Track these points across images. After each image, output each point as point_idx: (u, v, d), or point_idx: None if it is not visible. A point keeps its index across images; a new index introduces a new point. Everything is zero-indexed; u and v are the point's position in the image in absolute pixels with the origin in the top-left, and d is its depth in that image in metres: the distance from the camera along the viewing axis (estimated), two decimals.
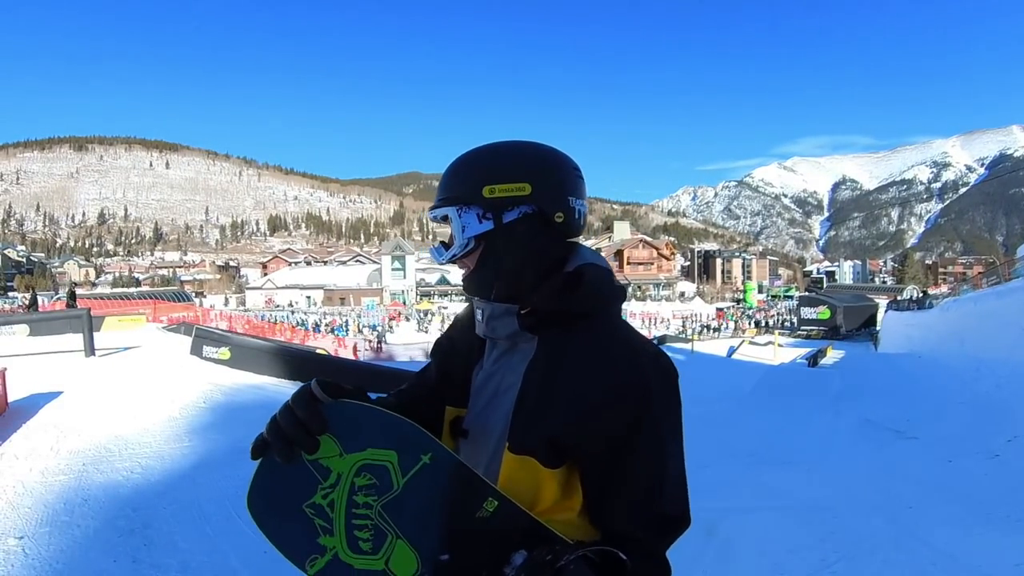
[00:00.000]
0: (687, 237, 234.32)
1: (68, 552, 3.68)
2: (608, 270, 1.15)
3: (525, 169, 1.12)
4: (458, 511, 0.99)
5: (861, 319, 43.44)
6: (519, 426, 1.06)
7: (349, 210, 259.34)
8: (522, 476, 1.05)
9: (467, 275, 1.18)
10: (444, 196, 1.15)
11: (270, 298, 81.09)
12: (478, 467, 1.10)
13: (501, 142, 1.16)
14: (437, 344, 1.35)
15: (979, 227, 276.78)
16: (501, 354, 1.16)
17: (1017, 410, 8.29)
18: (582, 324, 1.09)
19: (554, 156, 1.15)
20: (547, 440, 1.03)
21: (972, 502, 5.69)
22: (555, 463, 1.04)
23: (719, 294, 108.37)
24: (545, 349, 1.09)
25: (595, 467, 1.04)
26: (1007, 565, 4.12)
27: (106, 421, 6.70)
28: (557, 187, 1.13)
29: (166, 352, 12.43)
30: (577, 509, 1.07)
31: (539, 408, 1.05)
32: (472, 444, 1.15)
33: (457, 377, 1.22)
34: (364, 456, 0.99)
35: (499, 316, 1.12)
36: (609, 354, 1.04)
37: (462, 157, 1.16)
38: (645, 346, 1.07)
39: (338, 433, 0.99)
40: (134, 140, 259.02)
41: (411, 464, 0.99)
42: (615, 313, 1.14)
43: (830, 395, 14.77)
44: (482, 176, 1.12)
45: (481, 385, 1.17)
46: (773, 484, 6.23)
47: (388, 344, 33.44)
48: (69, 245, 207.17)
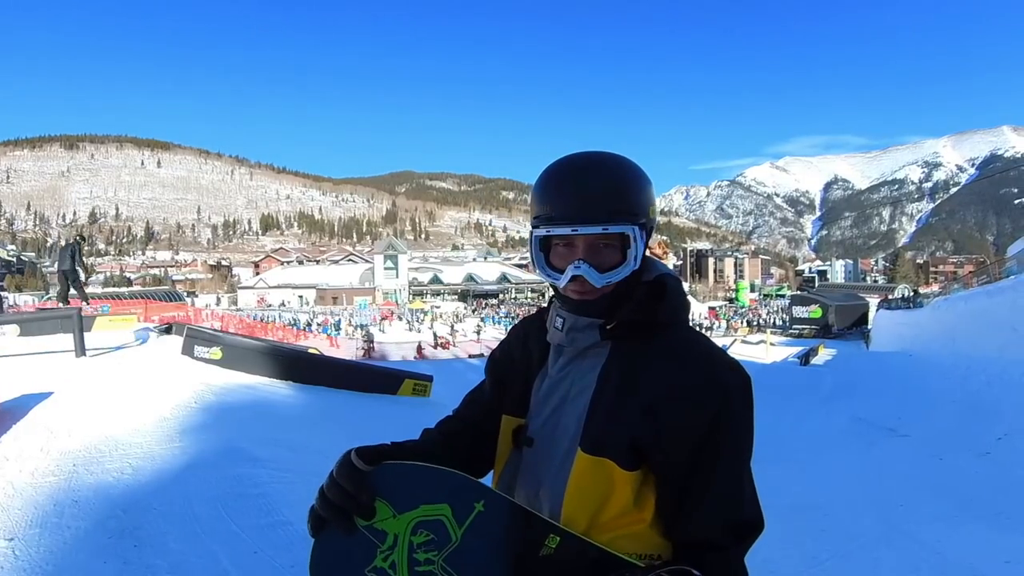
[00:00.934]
0: (680, 236, 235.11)
1: (58, 554, 3.66)
2: (679, 279, 1.17)
3: (653, 188, 1.13)
4: (521, 552, 0.99)
5: (852, 318, 43.72)
6: (595, 426, 1.06)
7: (342, 209, 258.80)
8: (595, 478, 1.04)
9: (597, 298, 1.09)
10: (619, 210, 1.06)
11: (262, 297, 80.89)
12: (547, 474, 1.10)
13: (621, 157, 1.11)
14: (491, 358, 1.34)
15: (970, 227, 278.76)
16: (568, 361, 1.15)
17: (1007, 408, 8.34)
18: (659, 332, 1.09)
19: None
20: (626, 441, 1.03)
21: (962, 499, 5.72)
22: (632, 466, 1.04)
23: (712, 293, 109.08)
24: (619, 355, 1.10)
25: (675, 471, 1.03)
26: (997, 562, 4.14)
27: (97, 422, 6.64)
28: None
29: (157, 352, 12.37)
30: (648, 520, 1.06)
31: (617, 409, 1.05)
32: (539, 451, 1.13)
33: (515, 387, 1.22)
34: (418, 514, 1.00)
35: (582, 328, 1.11)
36: (690, 358, 1.06)
37: (619, 170, 1.09)
38: (722, 354, 1.09)
39: (387, 496, 1.00)
40: (125, 139, 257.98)
41: (466, 514, 0.99)
42: (687, 321, 1.15)
43: (822, 393, 14.88)
44: (648, 196, 1.11)
45: (548, 392, 1.15)
46: (765, 482, 6.19)
47: (380, 344, 33.38)
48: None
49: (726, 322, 53.13)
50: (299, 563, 3.55)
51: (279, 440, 6.88)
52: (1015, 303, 12.37)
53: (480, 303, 77.94)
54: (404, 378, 13.13)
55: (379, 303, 76.29)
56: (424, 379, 13.29)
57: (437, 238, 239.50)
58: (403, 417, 10.59)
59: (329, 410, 9.96)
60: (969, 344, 13.51)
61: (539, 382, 1.18)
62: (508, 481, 1.17)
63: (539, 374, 1.19)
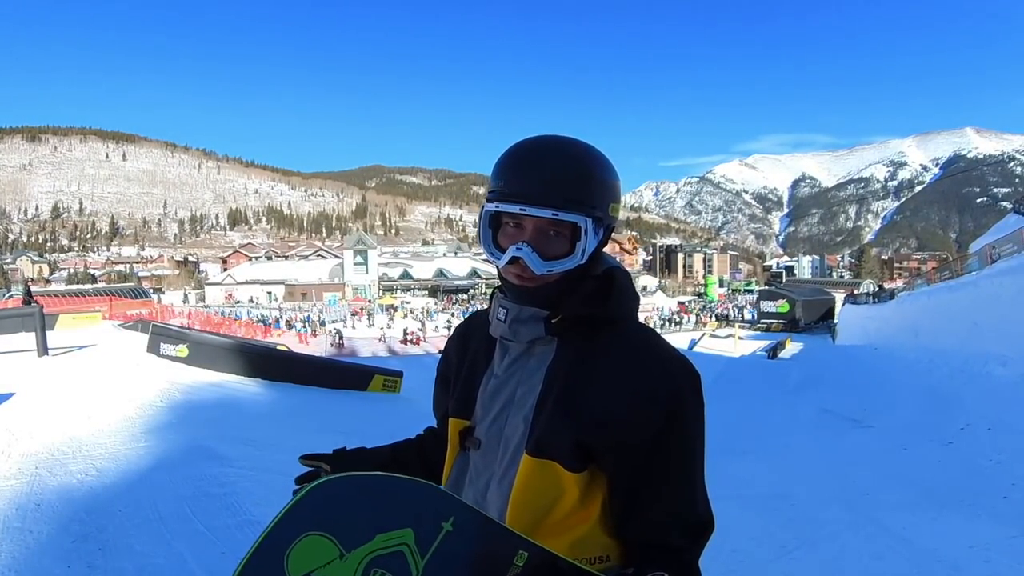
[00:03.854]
0: (649, 232, 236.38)
1: (21, 559, 3.57)
2: (628, 272, 1.14)
3: (619, 185, 1.09)
4: (487, 574, 0.86)
5: (819, 312, 44.54)
6: (541, 429, 1.03)
7: (311, 204, 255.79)
8: (541, 481, 1.01)
9: (537, 286, 1.05)
10: (575, 199, 1.01)
11: (230, 293, 79.79)
12: (493, 478, 1.08)
13: (590, 146, 1.06)
14: (438, 374, 1.29)
15: (933, 224, 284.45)
16: (514, 359, 1.11)
17: (968, 399, 8.56)
18: (608, 327, 1.06)
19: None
20: (572, 442, 1.00)
21: (926, 488, 5.86)
22: (579, 467, 1.01)
23: (681, 288, 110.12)
24: (566, 352, 1.06)
25: (625, 471, 1.01)
26: (961, 547, 4.25)
27: (59, 423, 6.51)
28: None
29: (122, 350, 12.14)
30: (593, 519, 1.04)
31: (563, 410, 1.02)
32: (486, 454, 1.10)
33: (458, 387, 1.18)
34: (372, 548, 0.80)
35: (525, 320, 1.07)
36: (639, 357, 1.03)
37: (583, 158, 1.04)
38: (672, 350, 1.06)
39: (331, 527, 0.79)
40: (89, 131, 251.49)
41: (431, 538, 0.82)
42: (636, 316, 1.12)
43: (789, 386, 15.13)
44: (611, 192, 1.06)
45: (494, 393, 1.11)
46: (734, 474, 6.33)
47: (349, 339, 33.24)
48: (22, 240, 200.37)
49: (695, 316, 53.66)
50: None
51: (247, 438, 6.80)
52: (976, 298, 12.72)
53: (450, 298, 77.71)
54: (374, 374, 13.10)
55: (349, 299, 75.72)
56: (394, 375, 13.27)
57: (407, 233, 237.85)
58: (373, 413, 10.54)
59: (298, 407, 9.89)
60: (932, 338, 13.82)
61: (485, 381, 1.14)
62: (454, 484, 1.14)
63: (484, 372, 1.15)
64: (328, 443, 1.17)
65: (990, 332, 10.85)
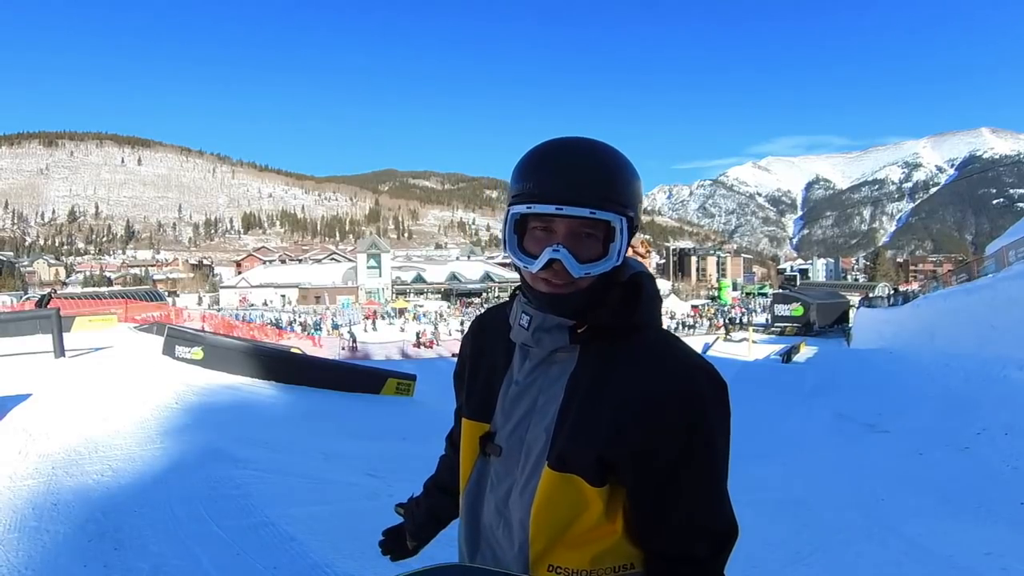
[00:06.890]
0: (662, 235, 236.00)
1: (37, 558, 3.60)
2: (653, 277, 1.11)
3: (641, 186, 1.07)
4: None
5: (834, 316, 44.19)
6: (562, 442, 1.01)
7: (324, 208, 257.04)
8: (564, 495, 1.00)
9: (570, 293, 1.01)
10: (610, 198, 0.99)
11: (244, 297, 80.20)
12: (515, 486, 1.07)
13: (613, 146, 1.03)
14: (455, 372, 1.28)
15: (949, 226, 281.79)
16: (535, 366, 1.08)
17: (985, 404, 8.45)
18: (631, 333, 1.04)
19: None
20: (594, 457, 0.99)
21: (943, 494, 5.80)
22: (601, 481, 1.00)
23: (694, 291, 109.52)
24: (588, 361, 1.04)
25: (647, 483, 0.99)
26: (977, 554, 4.20)
27: (76, 423, 6.57)
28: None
29: (138, 352, 12.24)
30: (620, 532, 1.03)
31: (585, 423, 1.00)
32: (506, 461, 1.09)
33: (476, 388, 1.17)
34: None
35: (549, 329, 1.03)
36: (663, 365, 1.00)
37: (613, 158, 1.02)
38: (697, 358, 1.03)
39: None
40: (105, 136, 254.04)
41: None
42: (660, 322, 1.09)
43: (804, 390, 15.03)
44: (638, 193, 1.03)
45: (515, 399, 1.09)
46: (748, 478, 6.28)
47: (363, 343, 33.27)
48: (39, 243, 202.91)
49: (708, 321, 53.40)
50: (281, 565, 3.53)
51: (261, 440, 6.84)
52: (993, 301, 12.54)
53: (463, 302, 77.74)
54: (387, 377, 13.10)
55: (362, 302, 75.94)
56: (408, 378, 13.26)
57: (420, 237, 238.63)
58: (387, 416, 10.57)
59: (312, 410, 9.92)
60: (948, 341, 13.67)
61: (505, 386, 1.11)
62: (475, 488, 1.14)
63: (504, 377, 1.12)
64: (343, 446, 1.18)
65: (1007, 335, 10.70)
